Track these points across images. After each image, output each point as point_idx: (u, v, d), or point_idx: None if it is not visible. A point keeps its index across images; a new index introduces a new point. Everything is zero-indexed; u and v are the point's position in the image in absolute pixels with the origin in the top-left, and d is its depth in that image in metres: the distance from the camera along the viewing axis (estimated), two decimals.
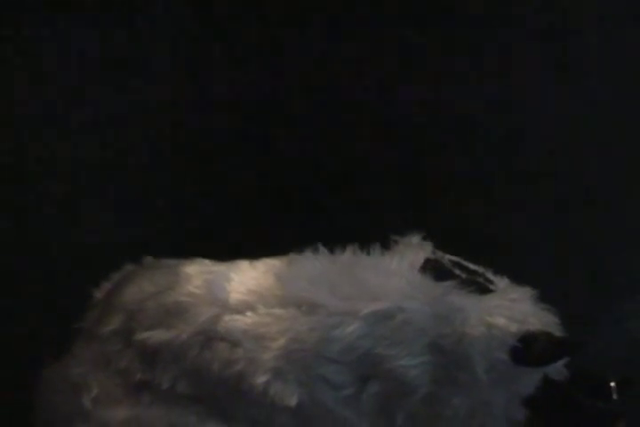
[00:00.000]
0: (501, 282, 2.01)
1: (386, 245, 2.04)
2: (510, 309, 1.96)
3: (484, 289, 2.00)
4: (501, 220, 2.80)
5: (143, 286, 2.05)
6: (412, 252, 2.04)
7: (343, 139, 2.93)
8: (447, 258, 2.03)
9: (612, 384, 2.01)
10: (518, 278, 2.04)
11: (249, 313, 1.95)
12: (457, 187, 2.82)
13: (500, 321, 1.93)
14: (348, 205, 2.81)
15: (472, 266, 2.03)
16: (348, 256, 2.01)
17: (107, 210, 2.92)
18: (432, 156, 2.89)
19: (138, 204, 2.95)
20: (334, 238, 2.05)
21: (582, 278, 2.70)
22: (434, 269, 2.00)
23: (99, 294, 2.13)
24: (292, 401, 1.91)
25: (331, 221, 2.76)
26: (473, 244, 2.28)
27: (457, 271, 2.01)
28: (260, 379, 1.92)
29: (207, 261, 2.08)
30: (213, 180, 3.01)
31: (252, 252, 2.14)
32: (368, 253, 2.04)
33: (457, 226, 2.59)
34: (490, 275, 2.03)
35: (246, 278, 2.01)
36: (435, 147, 2.88)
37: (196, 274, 2.02)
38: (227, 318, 1.96)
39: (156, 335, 1.97)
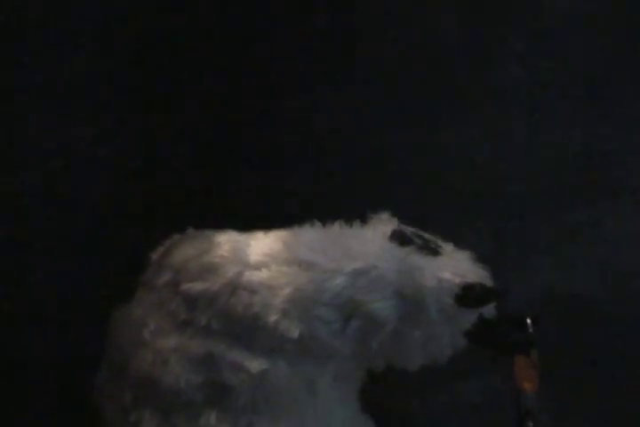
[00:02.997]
0: (448, 247, 2.10)
1: (364, 220, 2.12)
2: (455, 266, 2.04)
3: (435, 252, 2.07)
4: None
5: (186, 250, 2.11)
6: (383, 225, 2.11)
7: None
8: (409, 229, 2.11)
9: (528, 321, 2.09)
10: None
11: (264, 270, 2.02)
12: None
13: (448, 275, 2.01)
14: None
15: (427, 235, 2.12)
16: (337, 228, 2.10)
17: None
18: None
19: None
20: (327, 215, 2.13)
21: (506, 243, 2.76)
22: (399, 238, 2.07)
23: (154, 255, 2.19)
24: (295, 334, 1.98)
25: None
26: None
27: (416, 239, 2.08)
28: (272, 318, 1.98)
29: (233, 233, 2.13)
30: None
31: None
32: (351, 226, 2.11)
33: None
34: (440, 242, 2.11)
35: (262, 244, 2.07)
36: None
37: (225, 241, 2.09)
38: (247, 273, 2.02)
39: (196, 286, 2.04)
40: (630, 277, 2.74)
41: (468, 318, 2.03)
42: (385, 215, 2.14)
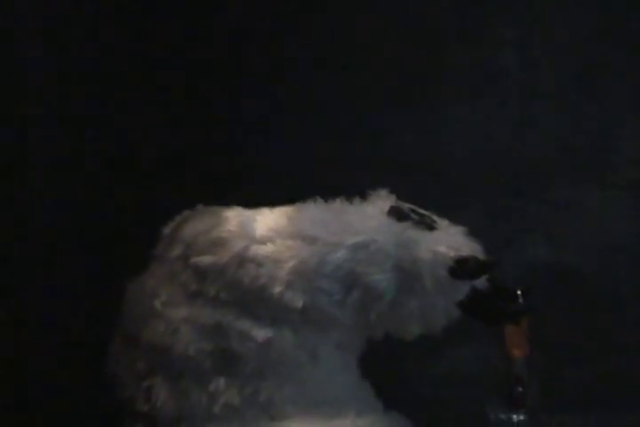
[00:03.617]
0: (443, 222, 2.12)
1: (363, 197, 2.14)
2: (449, 240, 2.05)
3: (431, 227, 2.08)
4: None
5: (196, 224, 2.13)
6: (382, 201, 2.12)
7: None
8: (406, 206, 2.13)
9: (519, 292, 2.10)
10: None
11: (269, 244, 2.02)
12: None
13: (442, 249, 2.01)
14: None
15: (423, 211, 2.13)
16: (338, 204, 2.11)
17: None
18: None
19: None
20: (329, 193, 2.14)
21: (498, 219, 2.81)
22: (396, 214, 2.08)
23: (166, 230, 2.21)
24: (299, 304, 2.00)
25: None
26: None
27: (412, 215, 2.10)
28: (277, 289, 1.99)
29: (240, 208, 2.15)
30: None
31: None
32: (351, 203, 2.12)
33: None
34: (435, 217, 2.13)
35: (267, 220, 2.09)
36: None
37: (233, 217, 2.10)
38: (254, 247, 2.03)
39: (205, 259, 2.05)
40: (613, 250, 2.81)
41: (462, 289, 2.05)
42: (383, 192, 2.15)
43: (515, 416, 2.12)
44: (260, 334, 2.01)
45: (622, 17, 2.80)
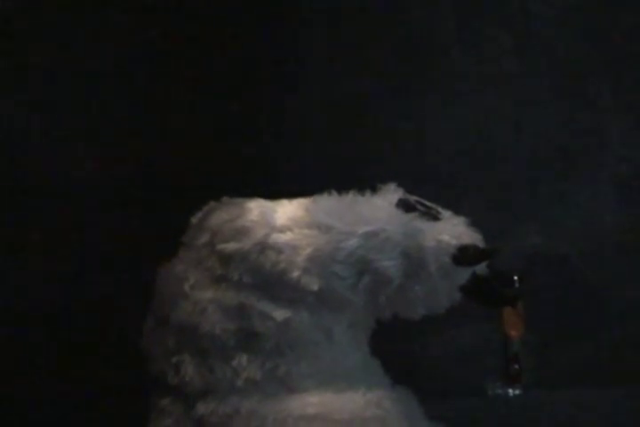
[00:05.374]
0: (447, 213, 2.14)
1: (374, 190, 2.15)
2: (452, 230, 2.07)
3: (435, 218, 2.10)
4: None
5: (221, 214, 2.15)
6: (390, 194, 2.14)
7: None
8: (412, 198, 2.15)
9: (515, 277, 2.14)
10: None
11: (288, 232, 2.04)
12: None
13: (446, 238, 2.04)
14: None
15: (428, 203, 2.16)
16: (351, 196, 2.13)
17: None
18: None
19: None
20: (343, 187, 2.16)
21: (496, 211, 2.84)
22: (404, 205, 2.11)
23: (194, 220, 2.22)
24: (315, 287, 2.02)
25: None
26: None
27: (419, 206, 2.13)
28: (295, 273, 2.01)
29: (262, 200, 2.17)
30: None
31: None
32: (363, 195, 2.14)
33: None
34: (440, 209, 2.15)
35: (286, 210, 2.11)
36: None
37: (255, 207, 2.12)
38: (274, 235, 2.05)
39: (230, 246, 2.07)
40: (599, 239, 2.85)
41: (463, 274, 2.08)
42: (392, 186, 2.17)
43: (510, 391, 2.18)
44: (280, 314, 2.03)
45: (610, 26, 2.84)
